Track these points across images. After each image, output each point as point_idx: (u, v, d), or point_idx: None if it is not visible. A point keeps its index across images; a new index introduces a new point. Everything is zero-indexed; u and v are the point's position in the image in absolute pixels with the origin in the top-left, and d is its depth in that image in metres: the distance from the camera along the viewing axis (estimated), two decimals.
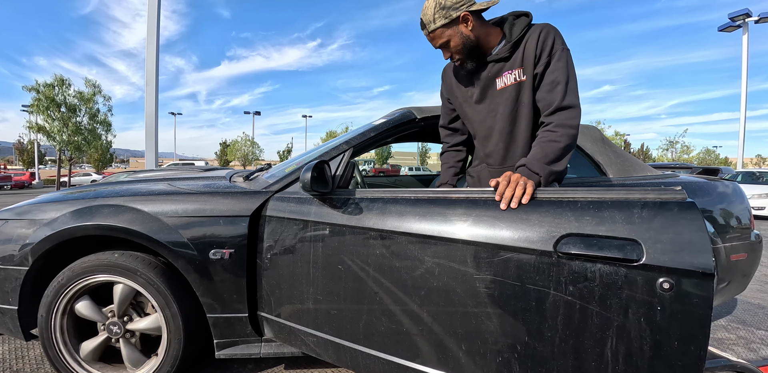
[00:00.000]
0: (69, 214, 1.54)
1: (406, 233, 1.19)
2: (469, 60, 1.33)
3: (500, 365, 1.06)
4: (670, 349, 0.87)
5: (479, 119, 1.42)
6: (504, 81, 1.32)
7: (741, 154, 18.30)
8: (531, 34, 1.27)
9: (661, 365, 0.89)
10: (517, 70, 1.29)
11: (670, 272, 0.87)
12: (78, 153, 17.30)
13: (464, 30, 1.28)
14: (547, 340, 0.99)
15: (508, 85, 1.31)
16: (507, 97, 1.32)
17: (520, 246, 1.02)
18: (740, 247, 1.92)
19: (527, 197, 1.08)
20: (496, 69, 1.33)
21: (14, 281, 1.54)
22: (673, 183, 1.83)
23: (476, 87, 1.39)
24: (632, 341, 0.90)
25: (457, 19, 1.26)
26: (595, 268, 0.93)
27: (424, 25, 1.30)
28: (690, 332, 0.86)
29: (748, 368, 1.47)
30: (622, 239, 0.93)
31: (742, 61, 18.41)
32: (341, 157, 1.57)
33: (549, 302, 0.98)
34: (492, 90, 1.36)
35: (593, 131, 1.95)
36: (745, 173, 10.46)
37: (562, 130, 1.22)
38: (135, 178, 2.33)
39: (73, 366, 1.57)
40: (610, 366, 0.93)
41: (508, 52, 1.29)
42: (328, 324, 1.35)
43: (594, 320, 0.94)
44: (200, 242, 1.47)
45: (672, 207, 0.92)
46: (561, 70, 1.24)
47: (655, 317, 0.88)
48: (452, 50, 1.31)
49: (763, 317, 2.52)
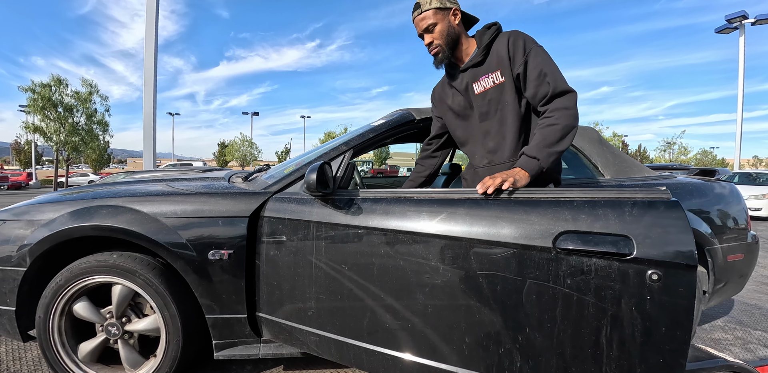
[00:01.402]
0: (67, 214, 1.54)
1: (410, 232, 1.22)
2: (446, 50, 1.40)
3: (503, 356, 1.11)
4: (658, 334, 0.95)
5: (467, 126, 1.48)
6: (483, 85, 1.39)
7: (738, 155, 18.39)
8: (500, 39, 1.36)
9: (650, 349, 0.96)
10: (494, 73, 1.36)
11: (658, 265, 0.95)
12: (75, 153, 17.24)
13: (452, 20, 1.39)
14: (546, 330, 1.05)
15: (488, 88, 1.38)
16: (489, 100, 1.38)
17: (521, 243, 1.08)
18: (737, 248, 1.94)
19: (507, 184, 1.16)
20: (472, 75, 1.41)
21: (12, 281, 1.54)
22: (666, 184, 1.84)
23: (459, 96, 1.47)
24: (625, 328, 0.98)
25: (450, 9, 1.38)
26: (591, 262, 1.01)
27: (418, 5, 1.39)
28: (676, 318, 0.94)
29: (745, 368, 1.48)
30: (614, 235, 1.01)
31: (739, 63, 18.52)
32: (341, 158, 1.58)
33: (549, 295, 1.05)
34: (472, 95, 1.42)
35: (591, 132, 1.96)
36: (741, 174, 10.51)
37: (558, 113, 1.26)
38: (133, 178, 2.33)
39: (71, 367, 1.56)
40: (605, 352, 1.00)
41: (481, 57, 1.38)
42: (331, 323, 1.35)
43: (590, 310, 1.01)
44: (199, 243, 1.47)
45: (659, 206, 1.00)
46: (543, 64, 1.29)
47: (645, 306, 0.96)
48: (435, 35, 1.38)
49: (760, 317, 2.53)
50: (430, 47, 1.41)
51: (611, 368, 1.00)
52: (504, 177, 1.19)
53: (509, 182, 1.16)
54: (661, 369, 0.96)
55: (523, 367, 1.09)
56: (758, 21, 17.83)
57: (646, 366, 0.97)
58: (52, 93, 15.79)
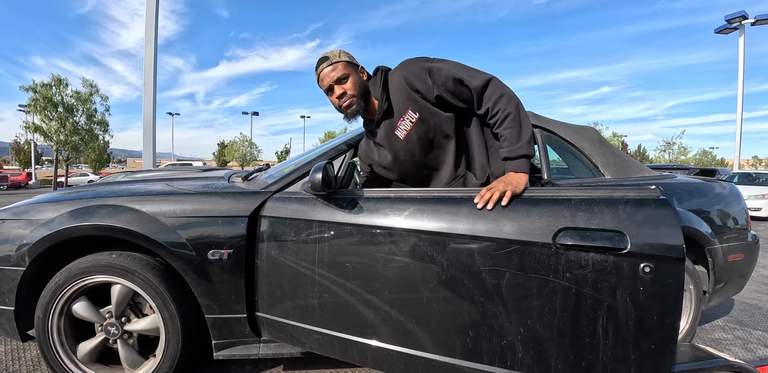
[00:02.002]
0: (66, 214, 1.53)
1: (415, 231, 1.25)
2: (360, 101, 1.39)
3: (505, 347, 1.15)
4: (651, 322, 1.03)
5: (406, 169, 1.47)
6: (403, 130, 1.39)
7: (737, 155, 18.40)
8: (391, 82, 1.38)
9: (643, 336, 1.03)
10: (407, 114, 1.36)
11: (650, 258, 1.03)
12: (75, 153, 17.24)
13: (361, 76, 1.41)
14: (547, 321, 1.11)
15: (410, 129, 1.38)
16: (418, 137, 1.38)
17: (522, 240, 1.12)
18: (737, 247, 1.93)
19: (506, 199, 1.18)
20: (389, 125, 1.41)
21: (11, 281, 1.53)
22: (666, 184, 1.85)
23: (383, 150, 1.46)
24: (620, 317, 1.05)
25: (358, 66, 1.42)
26: (588, 256, 1.07)
27: (326, 58, 1.39)
28: (667, 306, 1.02)
29: (746, 368, 1.48)
30: (610, 231, 1.07)
31: (739, 63, 18.52)
32: (342, 158, 1.57)
33: (549, 288, 1.10)
34: (398, 144, 1.42)
35: (591, 132, 1.95)
36: (741, 174, 10.51)
37: (499, 105, 1.27)
38: (133, 178, 2.32)
39: (71, 367, 1.56)
40: (602, 340, 1.06)
41: (386, 104, 1.39)
42: (335, 321, 1.36)
43: (588, 301, 1.07)
44: (199, 243, 1.47)
45: (650, 204, 1.08)
46: (448, 73, 1.30)
47: (638, 296, 1.03)
48: (348, 86, 1.37)
49: (760, 317, 2.53)
50: (343, 99, 1.38)
51: (608, 355, 1.06)
52: (501, 188, 1.20)
53: (507, 197, 1.18)
54: (653, 355, 1.03)
55: (524, 357, 1.13)
56: (758, 21, 17.84)
57: (639, 352, 1.04)
58: (53, 93, 15.79)
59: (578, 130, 1.89)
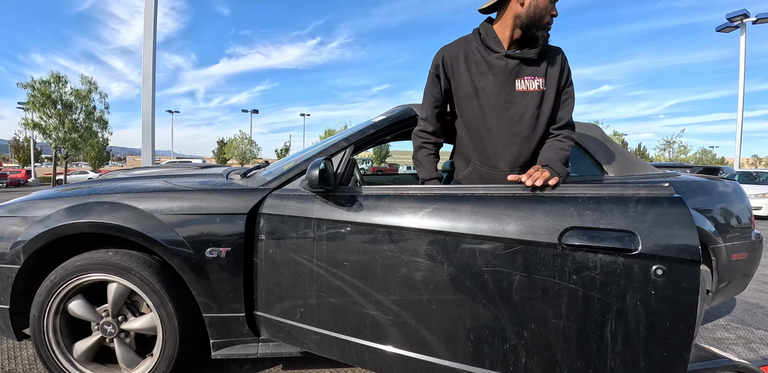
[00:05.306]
0: (62, 211, 1.51)
1: (416, 229, 1.22)
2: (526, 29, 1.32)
3: (508, 352, 1.11)
4: (663, 328, 0.97)
5: (492, 117, 1.36)
6: (526, 85, 1.35)
7: (738, 154, 18.38)
8: (553, 51, 1.38)
9: (654, 343, 0.98)
10: (540, 79, 1.35)
11: (662, 260, 0.97)
12: (74, 151, 17.20)
13: None
14: (552, 325, 1.05)
15: (530, 91, 1.35)
16: (529, 102, 1.36)
17: (526, 239, 1.07)
18: (741, 246, 1.92)
19: (553, 181, 1.15)
20: (517, 68, 1.35)
21: (5, 279, 1.51)
22: (670, 182, 1.82)
23: (491, 82, 1.35)
24: (630, 322, 0.99)
25: None
26: (597, 257, 1.02)
27: None
28: (680, 312, 0.96)
29: (749, 368, 1.46)
30: (619, 231, 1.02)
31: (740, 62, 18.48)
32: (341, 154, 1.55)
33: (555, 291, 1.05)
34: (511, 90, 1.36)
35: (595, 130, 1.93)
36: (742, 173, 10.50)
37: (569, 142, 1.39)
38: (130, 175, 2.30)
39: (67, 367, 1.54)
40: (610, 346, 1.01)
41: (536, 56, 1.34)
42: (333, 321, 1.34)
43: (596, 305, 1.02)
44: (196, 241, 1.45)
45: (663, 202, 1.02)
46: (572, 94, 1.41)
47: (650, 300, 0.98)
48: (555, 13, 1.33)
49: (762, 316, 2.52)
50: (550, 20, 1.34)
51: (616, 362, 1.01)
52: (549, 174, 1.18)
53: (555, 180, 1.17)
54: (665, 362, 0.97)
55: (528, 362, 1.09)
56: (759, 20, 17.77)
57: (650, 360, 0.98)
58: (52, 90, 15.75)
59: (581, 128, 1.87)
